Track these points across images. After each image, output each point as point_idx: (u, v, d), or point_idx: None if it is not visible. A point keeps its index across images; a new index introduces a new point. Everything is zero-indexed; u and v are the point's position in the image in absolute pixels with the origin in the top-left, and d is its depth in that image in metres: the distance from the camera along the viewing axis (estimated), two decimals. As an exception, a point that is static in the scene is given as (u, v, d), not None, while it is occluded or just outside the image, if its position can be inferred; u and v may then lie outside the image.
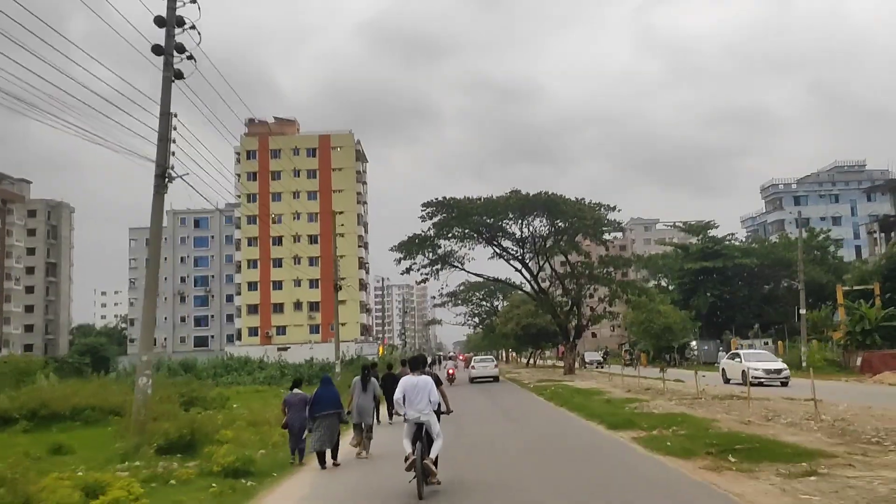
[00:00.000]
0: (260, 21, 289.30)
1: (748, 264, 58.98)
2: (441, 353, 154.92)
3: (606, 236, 42.93)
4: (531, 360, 72.10)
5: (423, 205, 43.14)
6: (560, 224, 42.08)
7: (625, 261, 45.90)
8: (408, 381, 10.17)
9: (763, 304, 63.81)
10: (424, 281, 46.27)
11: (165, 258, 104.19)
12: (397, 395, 10.11)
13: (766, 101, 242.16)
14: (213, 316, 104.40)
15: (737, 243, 64.93)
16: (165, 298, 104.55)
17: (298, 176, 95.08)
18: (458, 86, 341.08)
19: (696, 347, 57.35)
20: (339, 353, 40.00)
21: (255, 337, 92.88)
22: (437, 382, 10.59)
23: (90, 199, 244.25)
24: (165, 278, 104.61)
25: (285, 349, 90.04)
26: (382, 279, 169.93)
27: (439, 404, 10.40)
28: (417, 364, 10.93)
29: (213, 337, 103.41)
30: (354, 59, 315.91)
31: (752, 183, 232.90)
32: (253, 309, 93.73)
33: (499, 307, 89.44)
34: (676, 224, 61.51)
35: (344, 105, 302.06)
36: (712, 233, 63.71)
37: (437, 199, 42.39)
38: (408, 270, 45.98)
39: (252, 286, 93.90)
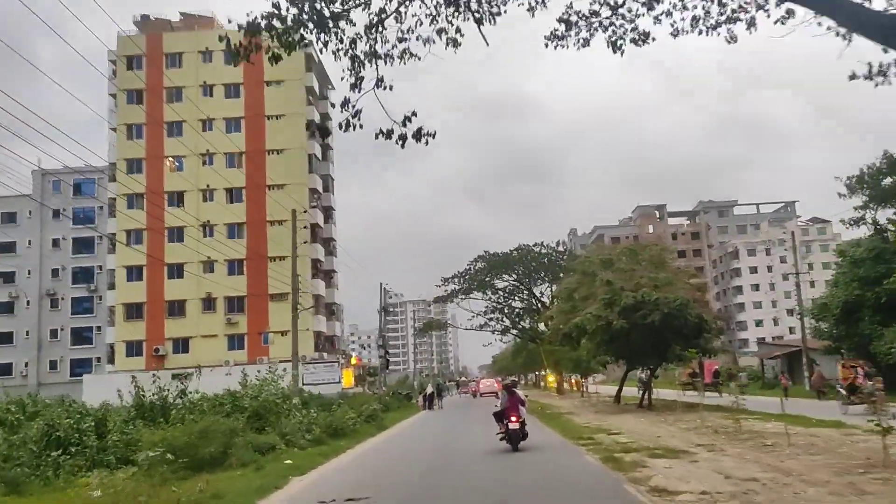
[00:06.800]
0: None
1: None
2: (457, 380, 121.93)
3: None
4: (644, 396, 32.74)
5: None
6: None
7: None
8: None
9: None
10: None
11: (29, 242, 69.01)
12: None
13: (768, 114, 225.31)
14: (100, 328, 68.07)
15: None
16: (28, 303, 68.93)
17: (211, 95, 59.23)
18: (448, 104, 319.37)
19: None
20: None
21: (139, 357, 56.62)
22: None
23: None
24: (28, 272, 69.11)
25: (185, 376, 53.80)
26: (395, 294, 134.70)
27: None
28: None
29: (99, 360, 67.09)
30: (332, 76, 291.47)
31: (757, 196, 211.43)
32: (135, 311, 57.54)
33: (545, 296, 52.48)
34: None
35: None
36: None
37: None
38: None
39: (133, 273, 57.82)
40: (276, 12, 9.34)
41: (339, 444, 20.73)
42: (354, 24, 10.66)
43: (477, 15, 10.74)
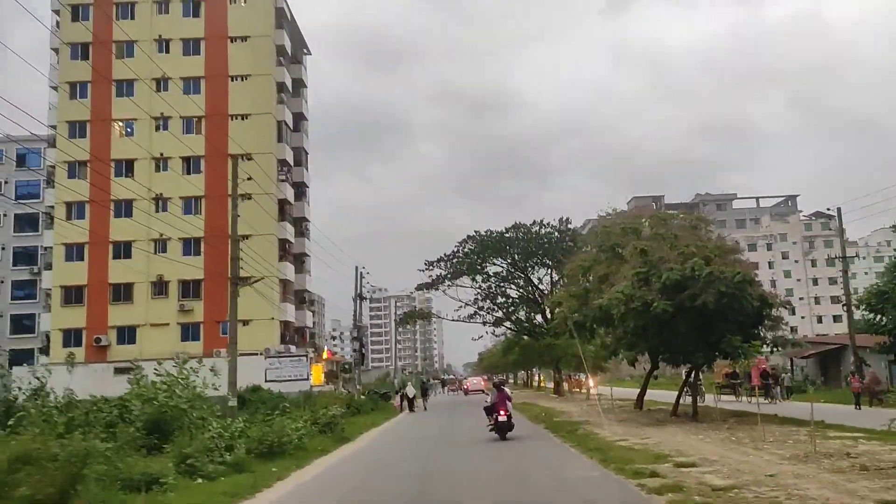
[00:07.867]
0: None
1: None
2: (442, 378, 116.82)
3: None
4: (680, 401, 25.65)
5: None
6: None
7: None
8: None
9: None
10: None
11: (-35, 217, 61.63)
12: None
13: (749, 115, 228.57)
14: (42, 314, 60.86)
15: None
16: (-38, 285, 61.67)
17: (167, 51, 52.33)
18: (430, 97, 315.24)
19: None
20: None
21: (79, 347, 49.65)
22: None
23: None
24: (-37, 251, 61.77)
25: (129, 371, 47.06)
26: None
27: None
28: None
29: (41, 349, 59.90)
30: (310, 68, 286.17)
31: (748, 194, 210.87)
32: (73, 294, 50.63)
33: (544, 283, 46.22)
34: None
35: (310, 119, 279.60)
36: None
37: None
38: None
39: (73, 252, 50.85)
40: None
41: (271, 470, 14.23)
42: None
43: None
